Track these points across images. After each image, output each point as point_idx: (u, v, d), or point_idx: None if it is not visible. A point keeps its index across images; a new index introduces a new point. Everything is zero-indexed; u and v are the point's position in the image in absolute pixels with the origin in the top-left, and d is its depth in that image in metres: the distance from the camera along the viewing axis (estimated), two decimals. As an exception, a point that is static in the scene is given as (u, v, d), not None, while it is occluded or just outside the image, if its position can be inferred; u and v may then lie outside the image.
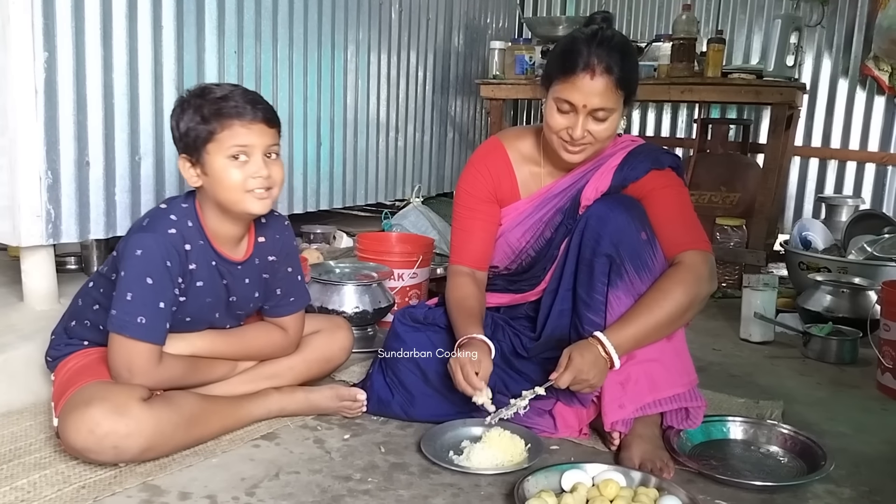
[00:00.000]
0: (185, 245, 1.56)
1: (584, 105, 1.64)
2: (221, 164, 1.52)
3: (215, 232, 1.61)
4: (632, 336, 1.60)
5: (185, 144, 1.54)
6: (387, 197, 3.77)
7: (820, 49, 4.12)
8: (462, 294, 1.80)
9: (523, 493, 1.40)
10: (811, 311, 2.67)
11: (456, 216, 1.89)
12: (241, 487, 1.46)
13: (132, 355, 1.52)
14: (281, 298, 1.78)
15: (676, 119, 4.64)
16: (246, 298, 1.72)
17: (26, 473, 1.46)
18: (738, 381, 2.23)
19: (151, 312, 1.51)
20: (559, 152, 1.73)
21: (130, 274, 1.50)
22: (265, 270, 1.73)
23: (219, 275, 1.63)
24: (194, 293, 1.60)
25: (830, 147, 4.16)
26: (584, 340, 1.62)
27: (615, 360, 1.58)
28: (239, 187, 1.53)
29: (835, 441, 1.77)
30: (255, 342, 1.77)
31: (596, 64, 1.62)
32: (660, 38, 3.70)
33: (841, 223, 3.45)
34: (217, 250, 1.62)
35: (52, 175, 2.06)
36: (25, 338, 1.86)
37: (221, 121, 1.50)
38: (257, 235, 1.70)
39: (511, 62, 3.86)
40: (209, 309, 1.65)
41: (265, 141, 1.54)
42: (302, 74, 3.05)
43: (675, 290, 1.62)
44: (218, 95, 1.52)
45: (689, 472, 1.57)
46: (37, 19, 1.99)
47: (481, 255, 1.86)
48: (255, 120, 1.53)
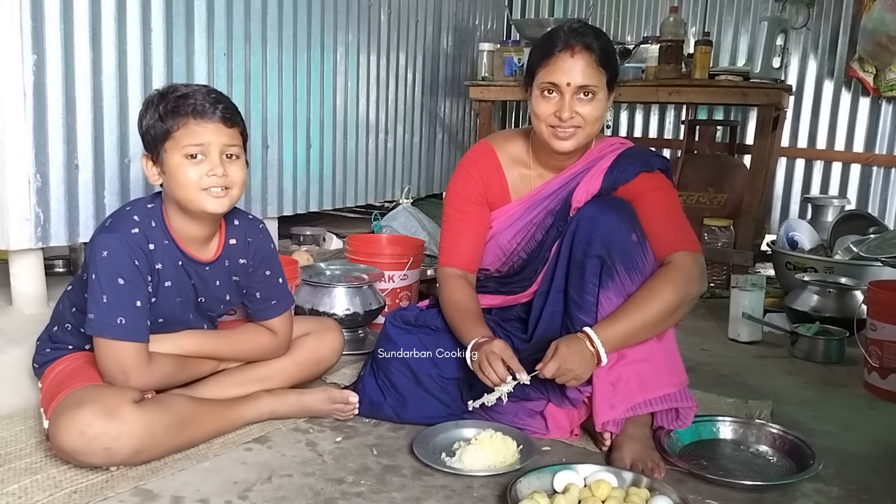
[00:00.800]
0: (149, 245, 1.56)
1: (568, 83, 1.66)
2: (177, 162, 1.52)
3: (180, 232, 1.61)
4: (620, 333, 1.61)
5: (146, 142, 1.56)
6: (376, 198, 3.77)
7: (806, 51, 4.16)
8: (460, 297, 1.81)
9: (516, 495, 1.40)
10: (798, 311, 2.69)
11: (446, 218, 1.90)
12: (233, 491, 1.46)
13: (122, 357, 1.52)
14: (262, 302, 1.78)
15: (664, 120, 4.67)
16: (216, 300, 1.71)
17: (17, 478, 1.45)
18: (726, 380, 2.24)
19: (130, 312, 1.51)
20: (550, 142, 1.73)
21: (101, 276, 1.50)
22: (235, 273, 1.72)
23: (186, 275, 1.63)
24: (164, 293, 1.60)
25: (816, 148, 4.19)
26: (572, 334, 1.63)
27: (602, 355, 1.59)
28: (194, 185, 1.53)
29: (823, 440, 1.79)
30: (244, 344, 1.77)
31: (574, 43, 1.67)
32: (647, 39, 3.73)
33: (827, 223, 3.48)
34: (183, 250, 1.62)
35: (40, 178, 2.05)
36: (14, 342, 1.85)
37: (178, 119, 1.50)
38: (228, 237, 1.70)
39: (500, 64, 3.88)
40: (181, 309, 1.65)
41: (222, 140, 1.54)
42: (291, 76, 3.05)
43: (664, 288, 1.64)
44: (179, 94, 1.52)
45: (679, 472, 1.58)
46: (25, 22, 1.98)
47: (471, 258, 1.87)
48: (212, 119, 1.52)
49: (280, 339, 1.81)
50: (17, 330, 1.91)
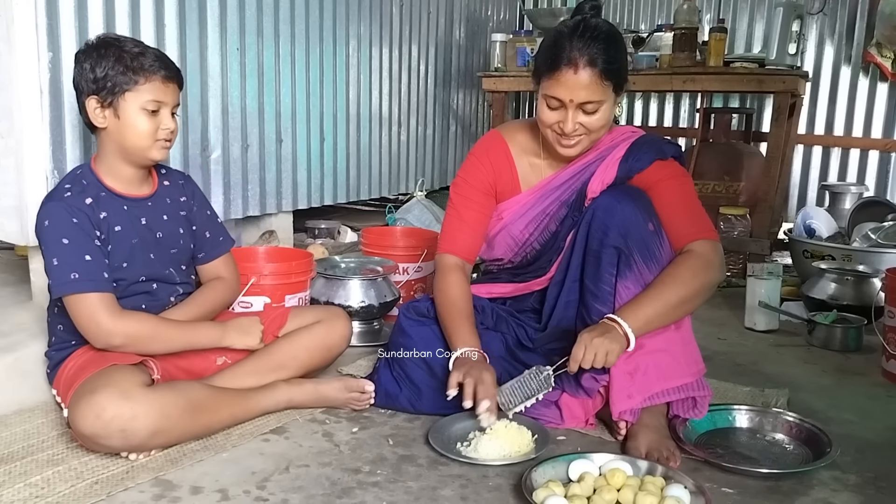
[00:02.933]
0: (86, 199, 1.63)
1: (571, 100, 1.65)
2: (135, 112, 1.63)
3: (116, 177, 1.70)
4: (643, 316, 1.60)
5: (98, 87, 1.62)
6: (390, 191, 3.77)
7: (822, 37, 4.11)
8: (455, 294, 1.81)
9: (531, 484, 1.41)
10: (815, 300, 2.68)
11: (451, 204, 1.90)
12: (251, 481, 1.48)
13: (89, 310, 1.58)
14: (212, 240, 1.89)
15: (679, 109, 4.64)
16: (172, 235, 1.78)
17: (40, 470, 1.48)
18: (743, 369, 2.23)
19: (81, 266, 1.57)
20: (554, 146, 1.74)
21: (47, 243, 1.58)
22: (181, 209, 1.82)
23: (134, 216, 1.71)
24: (118, 238, 1.67)
25: (833, 135, 4.15)
26: (597, 324, 1.62)
27: (631, 339, 1.58)
28: (150, 136, 1.65)
29: (840, 428, 1.78)
30: (204, 299, 1.84)
31: (578, 58, 1.63)
32: (661, 28, 3.70)
33: (845, 211, 3.45)
34: (121, 195, 1.70)
35: (58, 174, 2.07)
36: (35, 336, 1.87)
37: (146, 74, 1.63)
38: (161, 179, 1.81)
39: (513, 54, 3.86)
40: (140, 250, 1.71)
41: (174, 100, 1.69)
42: (304, 70, 3.06)
43: (685, 274, 1.63)
44: (138, 50, 1.64)
45: (695, 461, 1.58)
46: (40, 19, 2.00)
47: (471, 246, 1.87)
48: (174, 81, 1.68)
49: (230, 279, 1.92)
50: (38, 325, 1.94)
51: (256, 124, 2.83)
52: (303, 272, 2.24)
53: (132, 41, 1.68)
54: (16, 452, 1.55)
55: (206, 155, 2.62)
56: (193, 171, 2.54)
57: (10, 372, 1.77)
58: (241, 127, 2.75)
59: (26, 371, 1.80)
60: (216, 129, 2.65)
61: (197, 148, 2.58)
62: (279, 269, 2.17)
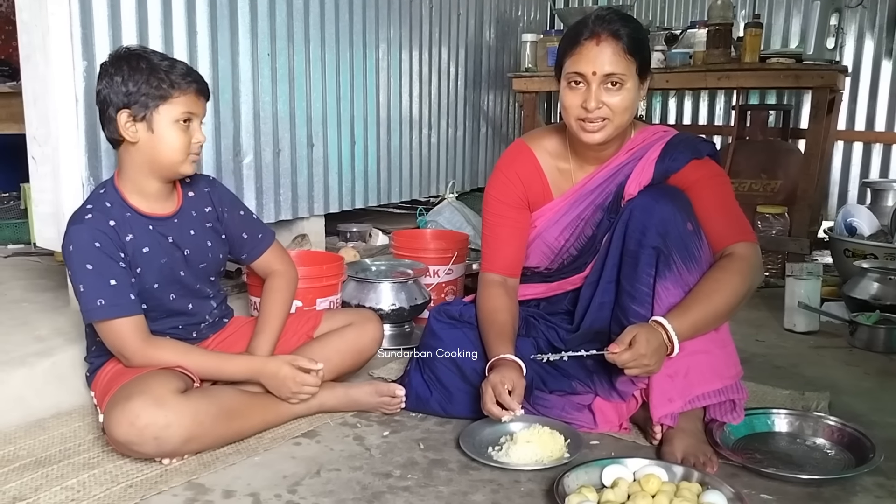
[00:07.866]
0: (110, 222, 1.61)
1: (594, 72, 1.62)
2: (168, 126, 1.62)
3: (141, 194, 1.67)
4: (691, 323, 1.57)
5: (130, 101, 1.60)
6: (421, 194, 3.77)
7: (862, 30, 4.02)
8: (493, 306, 1.80)
9: (563, 489, 1.39)
10: (857, 300, 2.61)
11: (486, 223, 1.88)
12: (283, 485, 1.48)
13: (116, 335, 1.59)
14: (251, 240, 1.88)
15: (714, 106, 4.57)
16: (200, 249, 1.77)
17: (76, 473, 1.50)
18: (782, 372, 2.19)
19: (106, 292, 1.57)
20: (578, 135, 1.69)
21: (73, 268, 1.59)
22: (207, 220, 1.80)
23: (161, 235, 1.70)
24: (145, 259, 1.66)
25: (875, 130, 4.06)
26: (648, 325, 1.57)
27: (676, 346, 1.55)
28: (183, 149, 1.64)
29: (884, 432, 1.73)
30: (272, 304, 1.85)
31: (600, 31, 1.62)
32: (695, 24, 3.64)
33: (887, 208, 3.37)
34: (146, 214, 1.68)
35: (93, 181, 2.11)
36: (72, 341, 1.91)
37: (180, 87, 1.62)
38: (185, 191, 1.78)
39: (543, 54, 3.84)
40: (169, 270, 1.70)
41: (204, 112, 1.70)
42: (335, 74, 3.07)
43: (732, 279, 1.60)
44: (168, 62, 1.63)
45: (732, 466, 1.55)
46: (75, 29, 2.03)
47: (513, 262, 1.85)
48: (203, 92, 1.68)
49: (284, 270, 1.91)
50: (75, 329, 1.97)
51: (288, 129, 2.85)
52: (334, 275, 2.24)
53: (158, 53, 1.67)
54: (53, 456, 1.58)
55: (239, 160, 2.65)
56: (226, 177, 2.56)
57: (48, 376, 1.81)
58: (272, 132, 2.77)
59: (63, 375, 1.83)
60: (248, 134, 2.67)
61: (229, 153, 2.60)
62: (311, 273, 2.18)
